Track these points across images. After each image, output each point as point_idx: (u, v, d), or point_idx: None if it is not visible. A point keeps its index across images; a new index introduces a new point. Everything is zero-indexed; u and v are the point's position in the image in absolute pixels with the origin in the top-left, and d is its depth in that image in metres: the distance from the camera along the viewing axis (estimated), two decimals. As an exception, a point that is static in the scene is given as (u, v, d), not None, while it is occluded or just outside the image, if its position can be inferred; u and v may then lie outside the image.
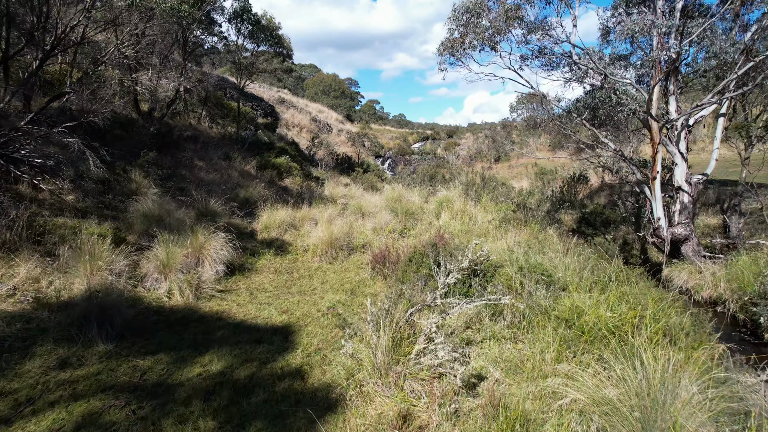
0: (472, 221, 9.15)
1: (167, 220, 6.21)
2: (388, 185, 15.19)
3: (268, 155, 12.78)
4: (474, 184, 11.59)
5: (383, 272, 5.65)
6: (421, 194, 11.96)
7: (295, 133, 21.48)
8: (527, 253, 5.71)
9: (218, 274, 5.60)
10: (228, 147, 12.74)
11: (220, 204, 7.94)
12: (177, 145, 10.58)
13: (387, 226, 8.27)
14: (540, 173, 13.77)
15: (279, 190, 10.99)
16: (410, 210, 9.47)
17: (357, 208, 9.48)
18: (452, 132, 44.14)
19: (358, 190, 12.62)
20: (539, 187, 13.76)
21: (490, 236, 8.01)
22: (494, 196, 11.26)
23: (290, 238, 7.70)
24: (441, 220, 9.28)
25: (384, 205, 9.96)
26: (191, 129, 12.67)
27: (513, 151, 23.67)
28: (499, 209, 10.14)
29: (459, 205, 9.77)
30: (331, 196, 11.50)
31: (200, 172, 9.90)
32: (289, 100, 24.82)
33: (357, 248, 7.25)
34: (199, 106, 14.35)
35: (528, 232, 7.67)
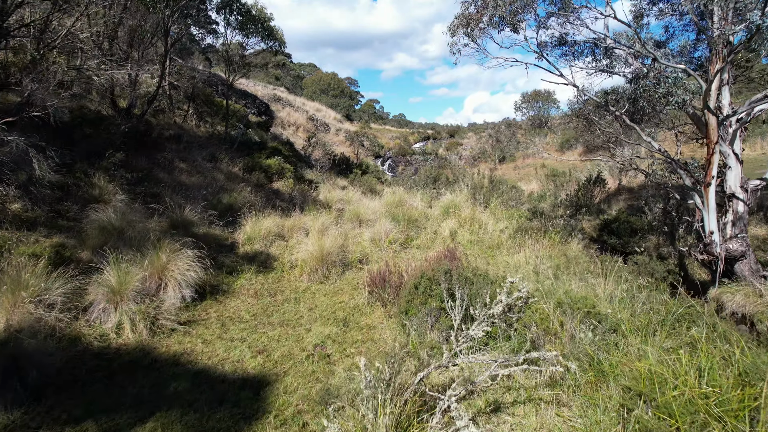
0: (482, 230, 8.21)
1: (129, 233, 5.27)
2: (388, 188, 14.26)
3: (258, 156, 11.84)
4: (482, 188, 10.65)
5: (383, 297, 4.71)
6: (424, 198, 11.02)
7: (291, 132, 20.54)
8: (557, 275, 4.77)
9: (184, 300, 4.65)
10: (215, 147, 11.80)
11: (198, 211, 7.00)
12: (156, 144, 9.63)
13: (387, 237, 7.33)
14: (551, 175, 12.85)
15: (268, 194, 10.04)
16: (412, 217, 8.53)
17: (354, 215, 8.53)
18: (454, 132, 43.19)
19: (355, 194, 11.68)
20: (551, 191, 12.82)
21: (504, 248, 7.08)
22: (504, 201, 10.33)
23: (277, 251, 6.76)
24: (447, 228, 8.35)
25: (383, 212, 9.02)
26: (175, 127, 11.72)
27: (518, 151, 22.73)
28: (510, 216, 9.21)
29: (467, 211, 8.83)
30: (326, 201, 10.55)
31: (181, 175, 8.96)
32: (285, 98, 23.86)
33: (353, 263, 6.31)
34: (185, 103, 13.40)
35: (548, 244, 6.73)
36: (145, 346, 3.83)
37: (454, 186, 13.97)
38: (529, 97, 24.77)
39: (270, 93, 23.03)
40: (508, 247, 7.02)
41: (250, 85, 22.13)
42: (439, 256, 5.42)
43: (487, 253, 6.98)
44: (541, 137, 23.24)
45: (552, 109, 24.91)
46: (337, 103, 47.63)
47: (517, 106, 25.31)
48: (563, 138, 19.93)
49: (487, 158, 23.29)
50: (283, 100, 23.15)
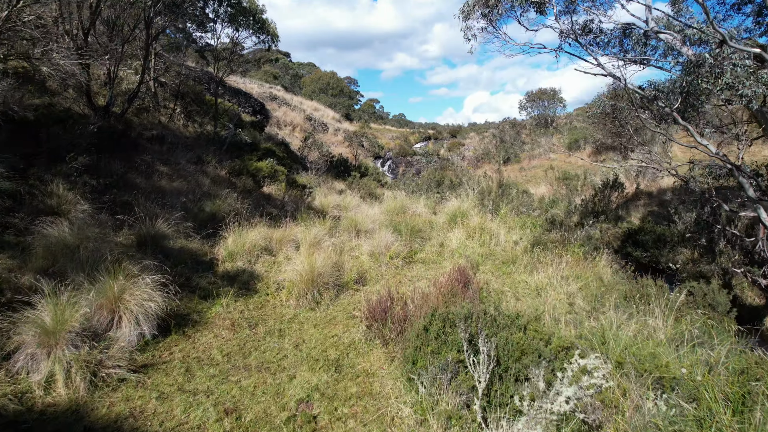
0: (493, 241, 7.39)
1: (82, 252, 4.44)
2: (389, 191, 13.44)
3: (248, 158, 11.01)
4: (490, 193, 9.83)
5: (383, 334, 3.89)
6: (428, 204, 10.20)
7: (287, 132, 19.71)
8: (594, 306, 3.94)
9: (143, 337, 3.83)
10: (203, 148, 10.97)
11: (173, 222, 6.17)
12: (135, 146, 8.80)
13: (388, 251, 6.50)
14: (563, 178, 12.05)
15: (258, 199, 9.21)
16: (416, 226, 7.70)
17: (351, 225, 7.71)
18: (455, 131, 42.36)
19: (353, 199, 10.85)
20: (564, 195, 11.99)
21: (521, 264, 6.25)
22: (515, 207, 9.50)
23: (262, 268, 5.93)
24: (455, 239, 7.52)
25: (384, 220, 8.19)
26: (159, 127, 10.89)
27: (523, 152, 21.89)
28: (523, 224, 8.39)
29: (475, 219, 8.01)
30: (322, 207, 9.73)
31: (161, 180, 8.13)
32: (281, 97, 23.02)
33: (348, 284, 5.48)
34: (172, 101, 12.57)
35: (572, 260, 5.91)
36: (81, 406, 3.00)
37: (458, 189, 13.16)
38: (534, 96, 23.95)
39: (266, 92, 22.20)
40: (525, 263, 6.19)
41: (245, 83, 21.30)
42: (449, 279, 4.60)
43: (501, 270, 6.15)
44: (547, 137, 22.40)
45: (558, 108, 24.12)
46: (337, 103, 46.78)
47: (522, 105, 24.50)
48: (571, 138, 19.10)
49: (491, 159, 22.45)
50: (279, 99, 22.32)
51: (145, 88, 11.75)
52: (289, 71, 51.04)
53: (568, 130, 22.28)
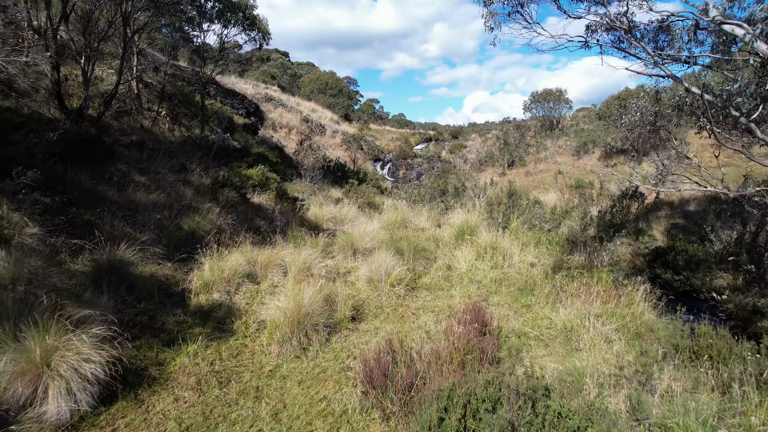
0: (506, 262, 6.58)
1: (11, 295, 3.62)
2: (389, 199, 12.63)
3: (238, 165, 10.20)
4: (500, 203, 9.02)
5: (383, 405, 3.07)
6: (432, 216, 9.39)
7: (283, 134, 18.90)
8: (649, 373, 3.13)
9: (78, 410, 3.02)
10: (188, 155, 10.16)
11: (143, 245, 5.36)
12: (110, 154, 7.99)
13: (388, 276, 5.69)
14: (576, 186, 11.25)
15: (246, 212, 8.40)
16: (419, 245, 6.89)
17: (347, 243, 6.90)
18: (456, 132, 41.54)
19: (351, 210, 10.04)
20: (576, 204, 11.19)
21: (541, 294, 5.44)
22: (527, 219, 8.69)
23: (243, 300, 5.12)
24: (463, 260, 6.72)
25: (383, 238, 7.39)
26: (141, 132, 10.08)
27: (529, 155, 21.07)
28: (537, 240, 7.58)
29: (485, 235, 7.21)
30: (316, 220, 8.92)
31: (136, 192, 7.31)
32: (278, 98, 22.20)
33: (342, 322, 4.67)
34: (157, 104, 11.76)
35: (602, 290, 5.09)
36: None
37: (463, 196, 12.35)
38: (539, 97, 23.13)
39: (261, 92, 21.38)
40: (546, 292, 5.38)
41: (239, 83, 20.49)
42: (462, 322, 3.78)
43: (519, 301, 5.34)
44: (553, 140, 21.58)
45: (564, 109, 23.29)
46: (336, 103, 45.96)
47: (526, 106, 23.72)
48: (579, 141, 18.29)
49: (494, 162, 21.65)
50: (275, 100, 21.50)
51: (127, 89, 10.95)
52: (287, 71, 50.23)
53: (574, 132, 21.46)
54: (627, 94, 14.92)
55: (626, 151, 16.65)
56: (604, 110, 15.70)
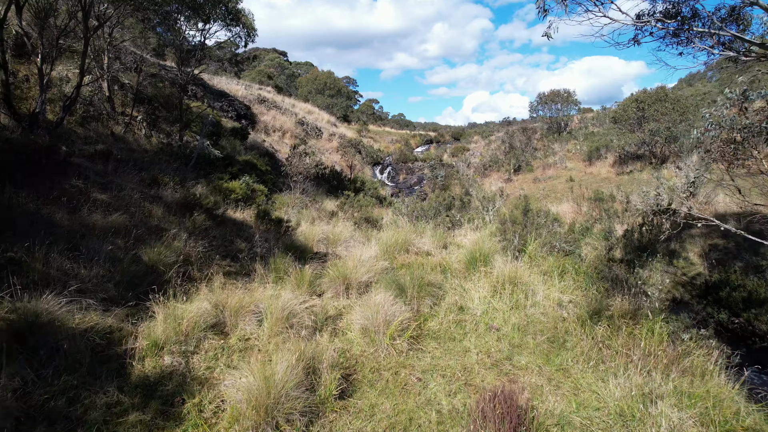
0: (529, 300, 5.52)
1: None
2: (389, 212, 11.55)
3: (219, 177, 9.13)
4: (515, 222, 7.95)
5: None
6: (436, 236, 8.31)
7: (276, 139, 17.82)
8: None
9: None
10: (163, 165, 9.08)
11: (79, 287, 4.28)
12: (65, 167, 6.91)
13: (387, 326, 4.61)
14: (595, 199, 10.18)
15: (225, 234, 7.32)
16: (424, 278, 5.81)
17: (339, 276, 5.82)
18: (458, 134, 40.47)
19: (346, 227, 8.97)
20: (595, 218, 10.12)
21: (578, 350, 4.37)
22: (546, 242, 7.62)
23: (203, 363, 4.04)
24: (476, 296, 5.65)
25: (381, 268, 6.32)
26: (110, 140, 8.99)
27: (536, 160, 20.00)
28: (562, 269, 6.52)
29: (501, 265, 6.14)
30: (305, 241, 7.84)
31: (92, 215, 6.23)
32: (271, 99, 21.10)
33: (327, 401, 3.58)
34: (134, 107, 10.67)
35: (660, 350, 4.02)
36: None
37: (469, 208, 11.29)
38: (546, 98, 22.03)
39: (254, 93, 20.29)
40: (585, 349, 4.31)
41: (230, 84, 19.40)
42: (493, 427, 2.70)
43: (552, 362, 4.27)
44: (561, 143, 20.49)
45: (572, 111, 22.18)
46: (334, 104, 44.88)
47: (533, 108, 22.59)
48: (591, 146, 17.20)
49: (500, 167, 20.57)
50: (268, 102, 20.40)
51: (97, 91, 9.86)
52: (284, 71, 49.14)
53: (583, 135, 20.39)
54: (645, 96, 13.88)
55: (641, 157, 15.59)
56: (620, 113, 14.64)
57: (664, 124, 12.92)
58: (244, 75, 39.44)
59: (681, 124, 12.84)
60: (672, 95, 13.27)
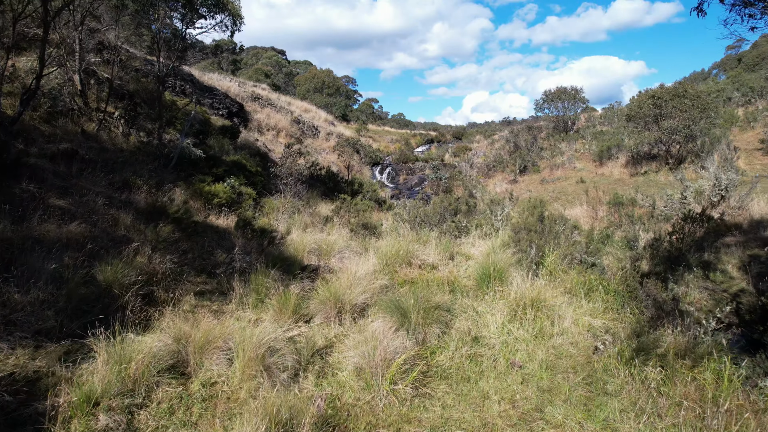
0: (556, 327, 4.66)
1: None
2: (389, 216, 10.69)
3: (200, 179, 8.26)
4: (531, 230, 7.08)
5: None
6: (442, 245, 7.44)
7: (270, 138, 16.95)
8: None
9: None
10: (139, 166, 8.21)
11: (7, 316, 3.41)
12: (16, 169, 6.03)
13: (387, 366, 3.74)
14: (615, 203, 9.32)
15: (200, 249, 6.45)
16: (430, 299, 4.94)
17: (331, 297, 4.95)
18: (459, 133, 39.60)
19: (341, 234, 8.11)
20: (615, 223, 9.25)
21: (625, 396, 3.50)
22: (567, 253, 6.76)
23: (152, 422, 3.17)
24: (492, 321, 4.79)
25: (380, 286, 5.45)
26: (80, 138, 8.12)
27: (542, 159, 19.13)
28: (589, 287, 5.66)
29: (519, 283, 5.28)
30: (295, 252, 6.97)
31: (44, 224, 5.36)
32: (266, 96, 20.23)
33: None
34: (108, 101, 9.80)
35: (734, 405, 3.15)
36: None
37: (475, 213, 10.44)
38: (552, 96, 21.14)
39: (248, 90, 19.41)
40: (633, 395, 3.44)
41: (223, 80, 18.52)
42: None
43: (595, 416, 3.40)
44: (569, 143, 19.61)
45: (580, 109, 21.30)
46: (333, 103, 44.04)
47: (538, 106, 21.71)
48: (602, 145, 16.33)
49: (504, 167, 19.71)
50: (263, 99, 19.53)
51: (67, 85, 8.98)
52: (282, 69, 48.27)
53: (591, 134, 19.52)
54: (662, 92, 13.00)
55: (656, 157, 14.72)
56: (635, 110, 13.75)
57: (684, 121, 12.06)
58: (240, 73, 38.56)
59: (701, 122, 11.98)
60: (691, 91, 12.41)
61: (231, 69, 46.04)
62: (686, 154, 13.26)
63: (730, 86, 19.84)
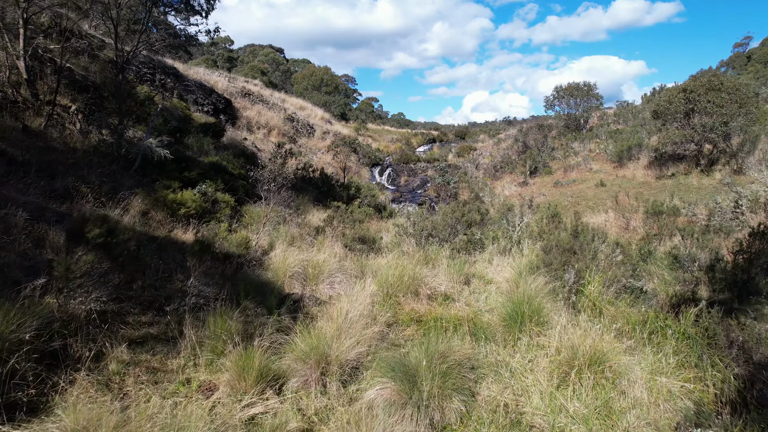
0: (625, 400, 3.34)
1: None
2: (390, 225, 9.35)
3: (165, 185, 6.94)
4: (565, 248, 5.76)
5: None
6: (455, 266, 6.09)
7: (260, 136, 15.62)
8: None
9: None
10: (91, 170, 6.88)
11: None
12: None
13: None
14: (654, 212, 7.99)
15: (150, 274, 5.11)
16: (448, 354, 3.61)
17: (312, 352, 3.62)
18: (462, 133, 38.25)
19: (333, 250, 6.78)
20: (655, 235, 7.92)
21: None
22: (612, 278, 5.42)
23: None
24: (534, 386, 3.48)
25: (379, 333, 4.13)
26: (17, 135, 6.79)
27: (554, 160, 17.80)
28: (646, 323, 4.37)
29: (565, 325, 3.96)
30: (274, 277, 5.64)
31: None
32: (257, 92, 18.88)
33: None
34: (57, 92, 8.47)
35: None
36: None
37: (487, 220, 9.13)
38: (563, 92, 19.80)
39: (238, 86, 18.07)
40: None
41: (211, 76, 17.18)
42: None
43: None
44: (582, 142, 18.28)
45: (594, 106, 19.95)
46: (331, 101, 42.70)
47: (549, 103, 20.35)
48: (621, 146, 15.00)
49: (513, 168, 18.38)
50: (254, 95, 18.18)
51: (10, 73, 7.64)
52: (279, 66, 46.94)
53: (606, 133, 18.19)
54: (695, 85, 11.67)
55: (683, 158, 13.37)
56: (663, 106, 12.41)
57: (720, 117, 10.74)
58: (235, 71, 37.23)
59: (739, 118, 10.67)
60: (728, 83, 11.09)
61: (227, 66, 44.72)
62: (719, 154, 11.93)
63: (754, 81, 18.55)
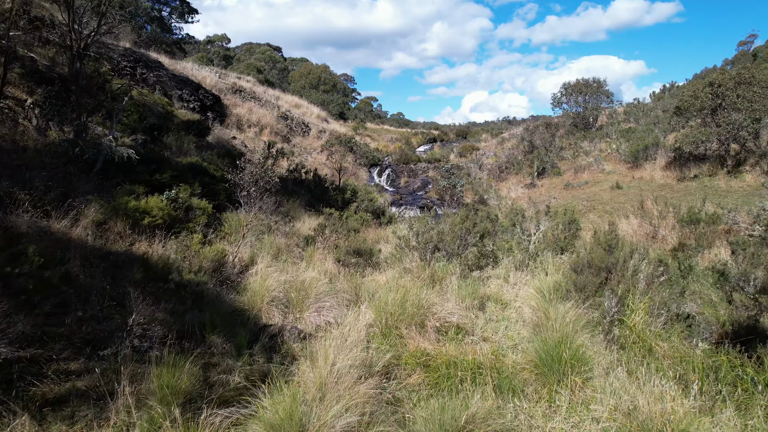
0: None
1: None
2: (389, 237, 8.39)
3: (128, 190, 5.98)
4: (599, 267, 4.81)
5: None
6: (467, 288, 5.12)
7: (251, 135, 14.65)
8: None
9: None
10: (41, 173, 5.90)
11: None
12: None
13: None
14: (690, 219, 7.03)
15: (95, 301, 4.15)
16: (468, 423, 2.65)
17: (287, 424, 2.65)
18: (463, 132, 37.30)
19: (323, 266, 5.82)
20: (694, 247, 6.95)
21: None
22: (662, 304, 4.47)
23: None
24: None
25: (375, 388, 3.16)
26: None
27: (563, 160, 16.85)
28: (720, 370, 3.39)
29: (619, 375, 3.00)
30: (250, 302, 4.67)
31: None
32: (249, 89, 17.90)
33: None
34: (25, 87, 7.50)
35: None
36: None
37: (497, 227, 8.19)
38: (572, 89, 18.86)
39: (228, 83, 17.10)
40: None
41: (199, 71, 16.20)
42: None
43: None
44: (592, 141, 17.33)
45: (604, 103, 19.05)
46: (330, 100, 41.71)
47: (557, 101, 19.40)
48: (636, 145, 14.05)
49: (519, 169, 17.43)
50: (245, 92, 17.21)
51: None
52: (276, 65, 45.93)
53: (618, 132, 17.25)
54: (724, 79, 10.73)
55: (705, 158, 12.43)
56: (688, 101, 11.46)
57: (752, 113, 9.83)
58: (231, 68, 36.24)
59: (771, 115, 9.76)
60: (761, 76, 10.17)
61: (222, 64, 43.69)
62: (746, 154, 11.00)
63: None
